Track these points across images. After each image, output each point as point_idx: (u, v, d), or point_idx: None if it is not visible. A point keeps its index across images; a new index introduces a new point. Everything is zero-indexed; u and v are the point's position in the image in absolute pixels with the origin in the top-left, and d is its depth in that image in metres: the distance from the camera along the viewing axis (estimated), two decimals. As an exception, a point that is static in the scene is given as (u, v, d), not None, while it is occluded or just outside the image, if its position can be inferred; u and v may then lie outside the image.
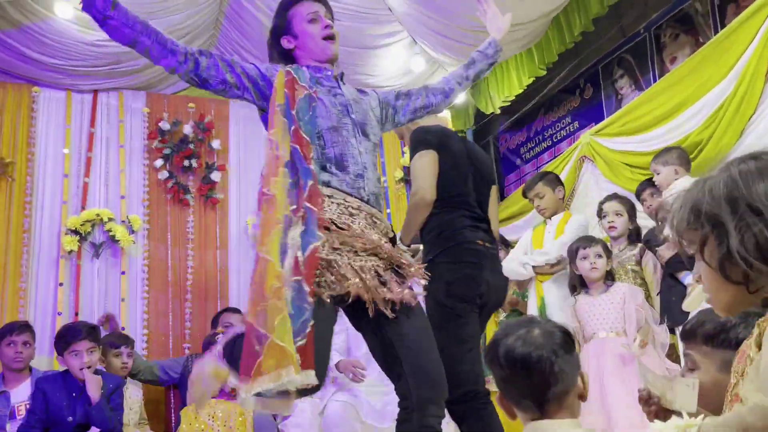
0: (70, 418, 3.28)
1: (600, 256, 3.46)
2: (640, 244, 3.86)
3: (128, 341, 4.19)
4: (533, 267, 4.01)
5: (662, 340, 3.29)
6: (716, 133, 3.61)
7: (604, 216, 3.89)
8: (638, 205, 3.91)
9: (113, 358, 3.98)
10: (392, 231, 2.23)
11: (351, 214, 2.07)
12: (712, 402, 1.32)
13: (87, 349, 3.36)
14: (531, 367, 1.33)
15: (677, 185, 3.35)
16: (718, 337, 1.36)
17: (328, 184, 2.09)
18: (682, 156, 3.50)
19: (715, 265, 1.02)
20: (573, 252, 3.55)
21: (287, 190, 1.99)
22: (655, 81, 4.53)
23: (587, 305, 3.44)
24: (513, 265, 4.06)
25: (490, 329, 4.05)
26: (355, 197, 2.11)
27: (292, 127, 2.06)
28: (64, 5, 4.29)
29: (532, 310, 4.06)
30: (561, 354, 1.34)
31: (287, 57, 2.32)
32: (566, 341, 1.38)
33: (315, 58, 2.28)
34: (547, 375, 1.32)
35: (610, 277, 3.49)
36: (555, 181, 4.26)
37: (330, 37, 2.28)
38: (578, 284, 3.52)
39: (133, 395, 4.27)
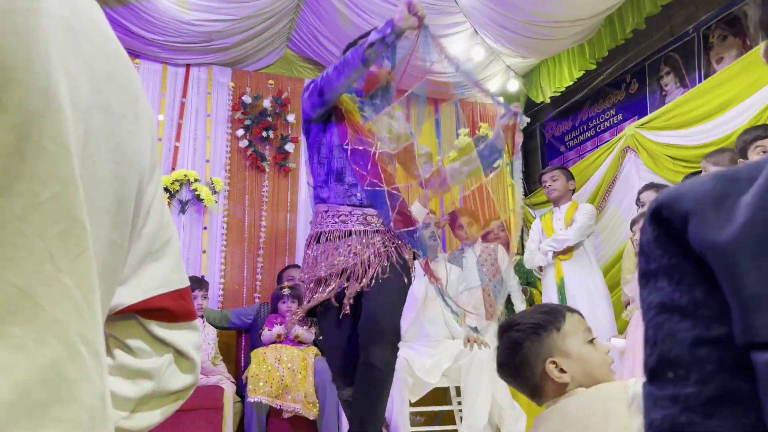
0: None
1: None
2: None
3: (202, 285, 4.21)
4: (554, 253, 3.96)
5: None
6: (762, 132, 3.39)
7: (642, 204, 3.73)
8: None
9: None
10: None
11: (343, 221, 2.28)
12: None
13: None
14: None
15: None
16: None
17: (324, 201, 2.32)
18: (733, 160, 3.29)
19: None
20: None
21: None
22: (700, 80, 4.28)
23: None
24: (536, 256, 4.05)
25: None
26: (347, 205, 2.30)
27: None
28: (166, -13, 4.27)
29: (551, 288, 3.98)
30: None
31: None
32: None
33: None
34: None
35: None
36: (571, 175, 4.28)
37: None
38: None
39: (210, 334, 4.33)
